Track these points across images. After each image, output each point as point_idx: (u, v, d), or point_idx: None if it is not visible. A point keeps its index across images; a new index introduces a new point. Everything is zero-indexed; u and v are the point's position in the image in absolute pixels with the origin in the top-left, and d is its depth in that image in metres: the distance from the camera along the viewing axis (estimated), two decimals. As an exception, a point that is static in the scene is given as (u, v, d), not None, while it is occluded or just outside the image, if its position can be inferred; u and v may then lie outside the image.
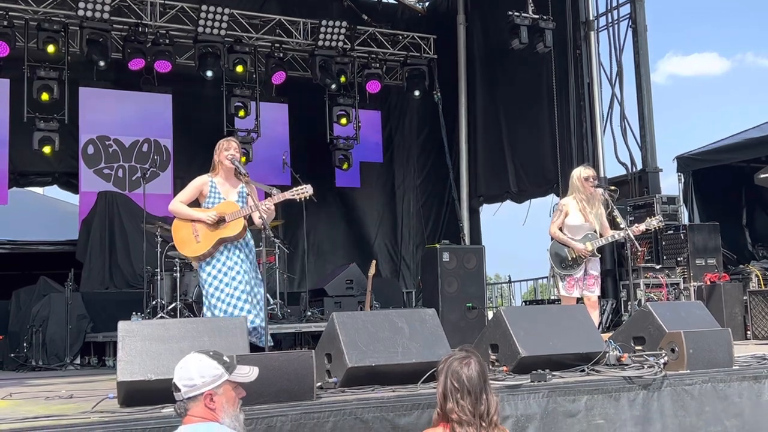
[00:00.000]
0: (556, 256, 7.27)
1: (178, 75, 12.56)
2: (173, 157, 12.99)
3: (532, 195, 13.41)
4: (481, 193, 14.33)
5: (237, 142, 6.40)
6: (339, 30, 12.89)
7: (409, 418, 4.43)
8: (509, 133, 13.54)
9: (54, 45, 11.21)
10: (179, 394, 3.22)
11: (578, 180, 7.30)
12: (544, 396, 4.85)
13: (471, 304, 10.26)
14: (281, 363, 4.34)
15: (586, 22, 12.37)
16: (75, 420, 3.94)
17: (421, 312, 5.43)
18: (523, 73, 13.07)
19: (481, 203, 14.50)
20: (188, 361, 3.27)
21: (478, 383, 3.38)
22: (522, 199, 13.61)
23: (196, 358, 3.27)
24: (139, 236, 10.44)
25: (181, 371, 3.25)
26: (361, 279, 11.25)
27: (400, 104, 15.31)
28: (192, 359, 3.27)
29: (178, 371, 3.26)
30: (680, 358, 5.42)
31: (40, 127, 11.34)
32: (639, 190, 11.67)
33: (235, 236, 6.07)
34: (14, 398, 5.25)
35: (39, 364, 9.29)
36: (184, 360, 3.29)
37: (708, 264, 10.43)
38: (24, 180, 12.87)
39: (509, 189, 13.54)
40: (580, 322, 5.77)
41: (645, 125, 11.87)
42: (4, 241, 12.48)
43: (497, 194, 14.03)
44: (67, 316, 9.55)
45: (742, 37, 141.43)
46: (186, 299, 9.40)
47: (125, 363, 4.35)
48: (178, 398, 3.22)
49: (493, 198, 14.25)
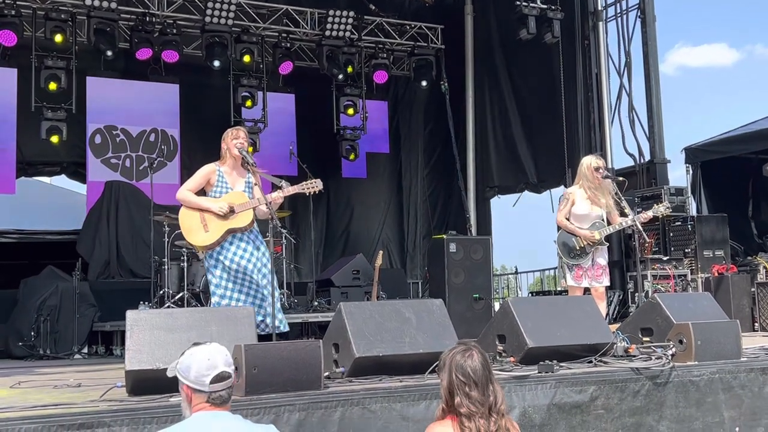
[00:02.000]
0: (564, 245, 7.24)
1: (185, 65, 12.55)
2: (180, 147, 12.99)
3: (548, 186, 13.33)
4: (495, 184, 14.23)
5: (245, 132, 6.39)
6: (346, 20, 12.85)
7: (416, 408, 4.43)
8: (524, 121, 13.47)
9: (61, 34, 11.20)
10: (231, 379, 3.24)
11: (587, 169, 7.27)
12: (552, 387, 4.85)
13: (478, 295, 10.24)
14: (289, 353, 4.34)
15: (595, 12, 12.33)
16: (83, 408, 3.96)
17: (428, 302, 5.43)
18: (530, 63, 13.02)
19: (494, 194, 14.42)
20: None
21: (483, 374, 3.38)
22: (541, 190, 13.50)
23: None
24: (146, 226, 10.44)
25: (228, 357, 3.27)
26: (368, 269, 11.25)
27: (407, 95, 15.27)
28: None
29: (227, 356, 3.27)
30: (688, 349, 5.42)
31: (47, 116, 11.34)
32: (647, 182, 11.64)
33: (244, 227, 6.08)
34: (22, 387, 5.27)
35: (46, 353, 9.32)
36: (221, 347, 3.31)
37: (716, 255, 10.40)
38: (32, 170, 12.88)
39: (528, 180, 13.43)
40: (587, 313, 5.76)
41: (653, 116, 11.83)
42: (12, 231, 12.50)
43: (512, 185, 13.94)
44: (75, 305, 9.58)
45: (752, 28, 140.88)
46: (193, 289, 9.42)
47: (133, 352, 4.37)
48: (231, 384, 3.24)
49: (508, 189, 14.15)
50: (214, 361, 3.21)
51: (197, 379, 3.17)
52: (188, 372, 3.20)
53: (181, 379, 3.22)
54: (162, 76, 12.83)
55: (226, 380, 3.20)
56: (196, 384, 3.17)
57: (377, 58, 13.67)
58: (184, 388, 3.22)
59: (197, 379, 3.17)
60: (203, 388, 3.17)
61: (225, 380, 3.20)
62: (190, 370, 3.20)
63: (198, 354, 3.23)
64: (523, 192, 13.84)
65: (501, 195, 14.42)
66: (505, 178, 13.99)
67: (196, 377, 3.18)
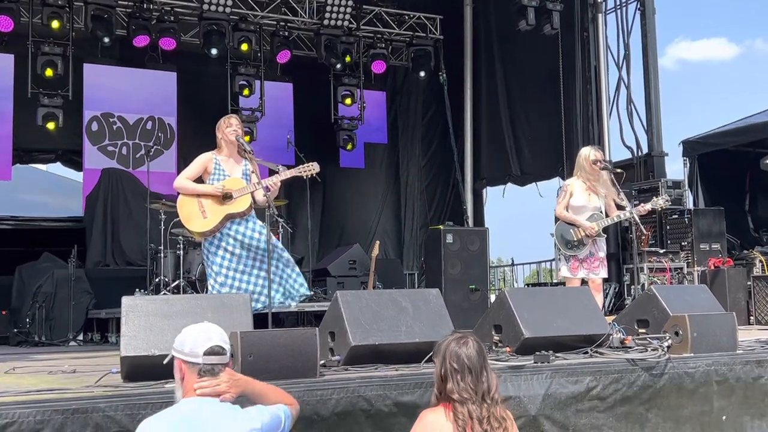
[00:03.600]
0: (561, 237, 7.24)
1: (182, 52, 12.52)
2: (177, 135, 12.97)
3: (536, 178, 13.36)
4: (484, 175, 14.29)
5: (237, 119, 6.36)
6: (345, 9, 12.79)
7: (411, 396, 4.43)
8: (513, 115, 13.48)
9: (58, 21, 11.13)
10: (225, 356, 3.21)
11: (585, 161, 7.27)
12: (547, 377, 4.84)
13: (474, 286, 10.24)
14: (285, 340, 4.34)
15: (594, 4, 12.31)
16: (78, 393, 3.95)
17: (425, 292, 5.42)
18: (529, 54, 12.99)
19: (484, 186, 14.46)
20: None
21: (477, 361, 3.38)
22: (525, 182, 13.57)
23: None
24: (142, 214, 10.43)
25: (224, 335, 3.26)
26: (364, 259, 11.25)
27: (405, 85, 15.25)
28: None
29: (223, 335, 3.26)
30: (684, 341, 5.41)
31: (44, 103, 11.28)
32: (644, 174, 11.65)
33: (242, 212, 6.07)
34: (17, 372, 5.26)
35: (42, 339, 9.33)
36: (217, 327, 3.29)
37: (712, 249, 10.41)
38: (27, 157, 12.87)
39: (511, 172, 13.49)
40: (584, 303, 5.76)
41: (651, 109, 11.83)
42: (8, 217, 12.48)
43: (499, 177, 13.99)
44: (70, 292, 9.59)
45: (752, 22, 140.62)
46: (189, 277, 9.41)
47: (129, 338, 4.35)
48: (224, 360, 3.22)
49: (495, 180, 14.21)
50: (209, 335, 3.21)
51: (192, 350, 3.16)
52: (183, 345, 3.19)
53: (176, 354, 3.20)
54: (159, 63, 12.80)
55: (219, 355, 3.18)
56: (190, 356, 3.15)
57: (375, 48, 13.63)
58: (178, 364, 3.20)
59: (191, 351, 3.16)
60: (196, 360, 3.14)
61: (218, 355, 3.18)
62: (185, 342, 3.19)
63: (195, 327, 3.24)
64: (507, 184, 13.86)
65: (489, 187, 14.43)
66: (493, 169, 14.01)
67: (190, 349, 3.16)
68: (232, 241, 6.06)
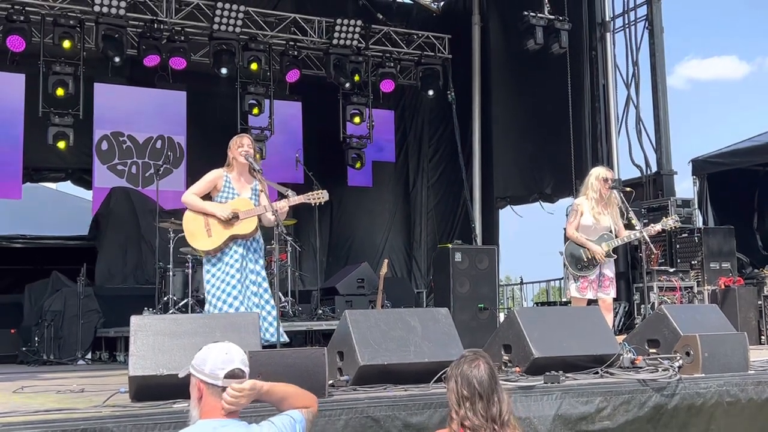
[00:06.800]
0: (572, 256, 7.21)
1: (192, 72, 12.58)
2: (187, 154, 13.01)
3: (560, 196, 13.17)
4: (507, 194, 14.07)
5: (250, 138, 6.37)
6: (354, 29, 12.87)
7: (420, 417, 4.40)
8: (530, 134, 13.40)
9: (70, 40, 11.23)
10: (245, 379, 3.18)
11: (597, 180, 7.25)
12: (558, 398, 4.81)
13: (483, 305, 10.21)
14: (293, 360, 4.32)
15: (602, 23, 12.31)
16: (86, 414, 3.94)
17: (434, 311, 5.40)
18: (537, 74, 12.98)
19: (505, 204, 14.25)
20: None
21: (489, 385, 3.37)
22: (555, 199, 13.32)
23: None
24: (151, 232, 10.45)
25: (245, 358, 3.23)
26: (373, 278, 11.22)
27: (413, 104, 15.29)
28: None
29: (244, 357, 3.23)
30: (695, 361, 5.37)
31: (54, 122, 11.35)
32: (653, 193, 11.60)
33: (247, 234, 6.05)
34: (26, 392, 5.25)
35: (50, 358, 9.33)
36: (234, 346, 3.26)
37: (722, 268, 10.35)
38: (37, 175, 12.94)
39: (542, 190, 13.28)
40: (594, 323, 5.73)
41: (660, 128, 11.79)
42: (18, 236, 12.53)
43: (524, 195, 13.75)
44: (79, 311, 9.59)
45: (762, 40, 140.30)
46: (198, 295, 9.39)
47: (137, 358, 4.34)
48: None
49: (520, 199, 13.94)
50: (231, 356, 3.16)
51: (212, 372, 3.11)
52: (203, 365, 3.13)
53: (195, 373, 3.14)
54: (169, 83, 12.87)
55: (239, 378, 3.14)
56: (210, 378, 3.10)
57: (384, 67, 13.68)
58: (196, 384, 3.14)
59: (212, 372, 3.11)
60: (216, 382, 3.09)
61: (239, 378, 3.14)
62: (206, 362, 3.13)
63: (216, 348, 3.19)
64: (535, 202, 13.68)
65: (513, 205, 14.21)
66: (517, 187, 13.82)
67: (211, 370, 3.11)
68: (233, 262, 6.02)
